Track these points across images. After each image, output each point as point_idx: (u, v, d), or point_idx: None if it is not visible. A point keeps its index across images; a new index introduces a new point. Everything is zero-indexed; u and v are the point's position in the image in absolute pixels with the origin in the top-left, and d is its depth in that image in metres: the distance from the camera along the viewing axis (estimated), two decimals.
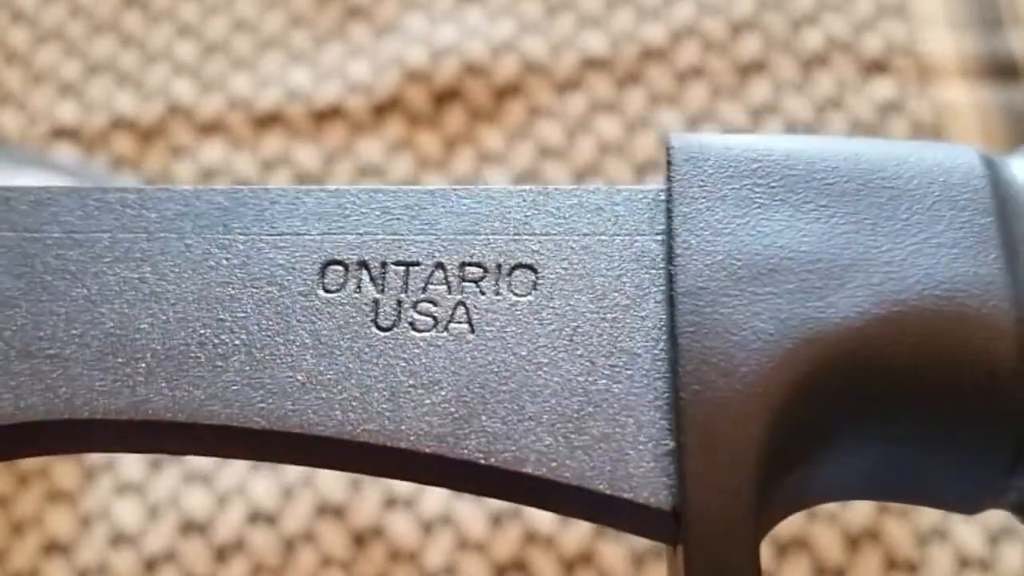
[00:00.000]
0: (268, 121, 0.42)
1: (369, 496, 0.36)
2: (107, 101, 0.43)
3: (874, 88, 0.42)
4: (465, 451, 0.20)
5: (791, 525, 0.35)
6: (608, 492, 0.20)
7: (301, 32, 0.44)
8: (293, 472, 0.37)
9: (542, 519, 0.36)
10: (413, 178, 0.41)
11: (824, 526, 0.35)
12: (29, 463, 0.37)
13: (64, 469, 0.37)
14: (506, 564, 0.36)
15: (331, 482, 0.36)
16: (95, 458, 0.37)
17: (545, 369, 0.21)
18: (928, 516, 0.36)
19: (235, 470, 0.37)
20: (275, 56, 0.43)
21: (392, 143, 0.42)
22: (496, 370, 0.21)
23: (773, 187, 0.21)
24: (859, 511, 0.35)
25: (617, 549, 0.36)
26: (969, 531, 0.35)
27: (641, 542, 0.36)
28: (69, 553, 0.36)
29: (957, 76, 0.42)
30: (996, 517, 0.35)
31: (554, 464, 0.20)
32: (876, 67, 0.42)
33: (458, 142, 0.42)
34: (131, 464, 0.37)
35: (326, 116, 0.42)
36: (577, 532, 0.36)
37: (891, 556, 0.35)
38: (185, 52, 0.43)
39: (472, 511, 0.36)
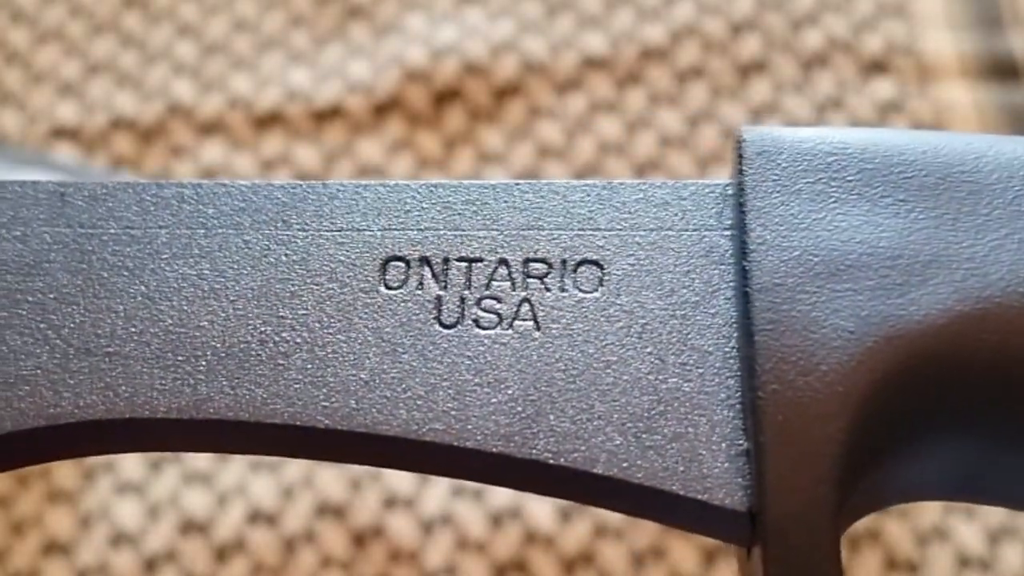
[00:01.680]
0: (268, 121, 0.42)
1: (369, 496, 0.36)
2: (107, 101, 0.43)
3: (874, 88, 0.42)
4: (534, 451, 0.20)
5: None
6: (681, 493, 0.19)
7: (301, 32, 0.44)
8: (293, 472, 0.37)
9: (542, 519, 0.36)
10: (413, 178, 0.41)
11: None
12: None
13: (64, 469, 0.37)
14: (506, 564, 0.36)
15: (331, 482, 0.36)
16: (95, 458, 0.37)
17: (614, 367, 0.20)
18: (928, 516, 0.36)
19: (235, 470, 0.37)
20: (275, 56, 0.43)
21: (392, 143, 0.42)
22: (563, 368, 0.20)
23: (849, 181, 0.21)
24: None
25: (617, 549, 0.36)
26: (969, 531, 0.35)
27: (641, 543, 0.36)
28: (69, 553, 0.36)
29: (957, 76, 0.42)
30: (996, 517, 0.35)
31: (625, 464, 0.19)
32: (876, 67, 0.42)
33: (458, 142, 0.42)
34: (131, 464, 0.37)
35: (326, 116, 0.42)
36: (577, 532, 0.36)
37: (891, 556, 0.35)
38: (185, 52, 0.43)
39: (472, 511, 0.36)
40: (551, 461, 0.20)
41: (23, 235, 0.22)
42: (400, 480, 0.37)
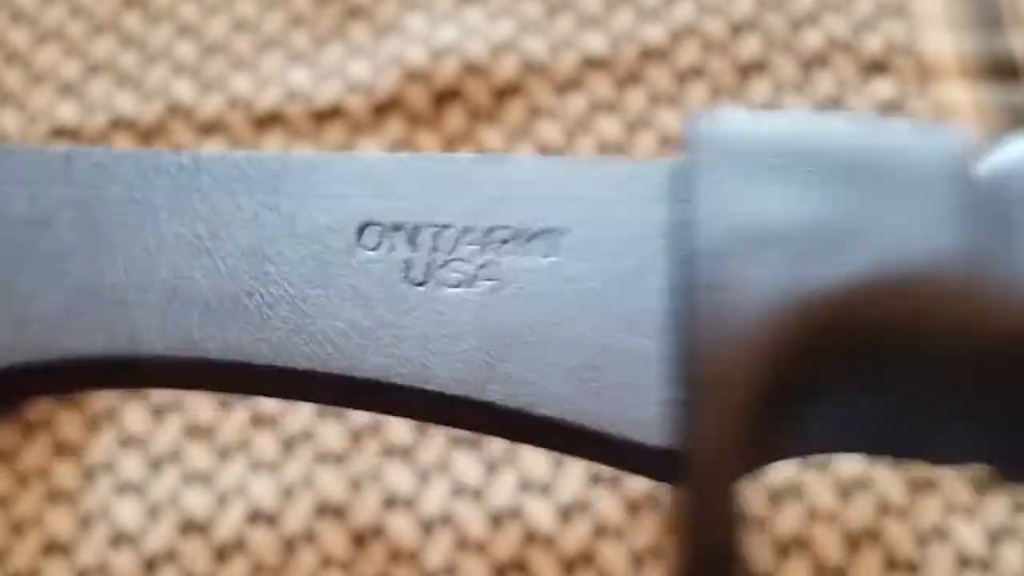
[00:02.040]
0: (268, 121, 0.42)
1: (369, 496, 0.36)
2: (107, 101, 0.43)
3: (874, 88, 0.42)
4: (488, 394, 0.22)
5: (791, 524, 0.35)
6: (616, 434, 0.22)
7: (301, 32, 0.44)
8: (293, 472, 0.37)
9: (542, 519, 0.36)
10: None
11: (824, 526, 0.35)
12: (29, 463, 0.37)
13: (64, 469, 0.37)
14: (506, 564, 0.36)
15: (331, 482, 0.36)
16: (95, 457, 0.37)
17: (563, 324, 0.23)
18: (928, 516, 0.36)
19: (235, 470, 0.37)
20: (275, 56, 0.43)
21: (392, 143, 0.42)
22: (518, 323, 0.23)
23: (783, 160, 0.23)
24: (859, 511, 0.35)
25: (617, 549, 0.36)
26: (969, 531, 0.35)
27: (640, 543, 0.36)
28: (69, 553, 0.36)
29: (957, 76, 0.42)
30: (996, 517, 0.35)
31: (568, 407, 0.22)
32: (876, 67, 0.42)
33: (458, 142, 0.42)
34: (131, 464, 0.37)
35: (326, 116, 0.42)
36: (577, 532, 0.36)
37: (891, 556, 0.35)
38: (185, 52, 0.43)
39: (472, 511, 0.36)
40: (502, 403, 0.22)
41: (32, 194, 0.24)
42: (400, 480, 0.37)
